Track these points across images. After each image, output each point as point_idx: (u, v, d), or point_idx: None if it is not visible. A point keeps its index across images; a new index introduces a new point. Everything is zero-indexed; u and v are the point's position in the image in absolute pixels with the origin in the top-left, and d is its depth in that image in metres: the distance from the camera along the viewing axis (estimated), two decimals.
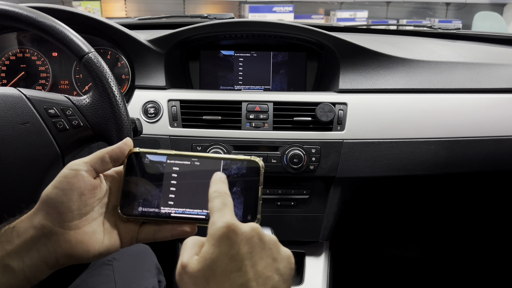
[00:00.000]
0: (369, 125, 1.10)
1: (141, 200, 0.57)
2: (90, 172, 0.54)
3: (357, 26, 1.84)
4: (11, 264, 0.52)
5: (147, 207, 0.56)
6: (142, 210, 0.56)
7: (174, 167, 0.57)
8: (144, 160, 0.57)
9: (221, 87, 1.30)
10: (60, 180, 0.53)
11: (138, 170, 0.57)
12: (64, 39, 0.77)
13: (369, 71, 1.15)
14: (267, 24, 1.17)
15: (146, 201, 0.57)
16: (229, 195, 0.52)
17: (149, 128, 1.09)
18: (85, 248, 0.54)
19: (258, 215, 0.55)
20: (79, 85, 1.20)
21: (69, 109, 0.75)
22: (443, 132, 1.11)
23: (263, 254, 0.47)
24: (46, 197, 0.53)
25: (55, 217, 0.52)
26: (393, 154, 1.10)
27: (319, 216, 1.20)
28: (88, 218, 0.54)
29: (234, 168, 0.56)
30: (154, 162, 0.57)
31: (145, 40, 1.14)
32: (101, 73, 0.76)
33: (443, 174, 1.16)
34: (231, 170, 0.56)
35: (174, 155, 0.57)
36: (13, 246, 0.52)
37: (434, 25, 1.69)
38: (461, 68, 1.17)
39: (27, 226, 0.53)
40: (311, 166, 1.09)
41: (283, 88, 1.29)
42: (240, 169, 0.56)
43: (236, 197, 0.55)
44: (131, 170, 0.57)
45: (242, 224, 0.48)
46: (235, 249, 0.46)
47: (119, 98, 0.77)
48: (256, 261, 0.46)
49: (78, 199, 0.53)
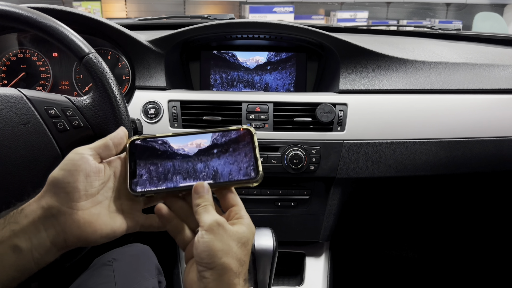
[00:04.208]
0: (369, 125, 1.10)
1: (148, 177, 0.62)
2: (95, 156, 0.58)
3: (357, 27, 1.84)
4: (19, 244, 0.53)
5: (154, 183, 0.62)
6: (150, 185, 0.62)
7: (173, 146, 0.64)
8: (145, 143, 0.64)
9: (222, 88, 1.30)
10: (66, 163, 0.56)
11: (141, 152, 0.64)
12: (65, 39, 0.77)
13: (369, 72, 1.15)
14: (268, 24, 1.17)
15: (152, 178, 0.62)
16: (209, 201, 0.59)
17: (149, 128, 1.09)
18: (92, 228, 0.55)
19: (260, 171, 0.61)
20: (80, 86, 1.20)
21: (69, 110, 0.75)
22: (444, 132, 1.11)
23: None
24: (53, 178, 0.55)
25: (63, 197, 0.54)
26: (393, 155, 1.10)
27: (319, 216, 1.20)
28: (94, 200, 0.57)
29: (228, 137, 0.64)
30: (154, 144, 0.64)
31: (145, 41, 1.14)
32: (102, 73, 0.76)
33: (443, 175, 1.16)
34: (227, 139, 0.64)
35: (172, 135, 0.64)
36: (20, 226, 0.53)
37: (434, 26, 1.69)
38: (461, 69, 1.17)
39: (35, 208, 0.54)
40: (311, 167, 1.09)
41: (284, 89, 1.29)
42: (235, 137, 0.64)
43: (239, 158, 0.63)
44: (134, 153, 0.63)
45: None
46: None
47: (120, 99, 0.77)
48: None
49: (84, 180, 0.55)
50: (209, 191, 0.60)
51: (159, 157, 0.63)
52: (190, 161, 0.63)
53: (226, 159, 0.63)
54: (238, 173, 0.62)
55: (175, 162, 0.63)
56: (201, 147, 0.64)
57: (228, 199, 0.62)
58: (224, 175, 0.62)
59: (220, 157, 0.64)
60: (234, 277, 0.55)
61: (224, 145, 0.64)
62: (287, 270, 1.29)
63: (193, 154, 0.64)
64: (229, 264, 0.54)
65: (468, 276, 1.74)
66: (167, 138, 0.64)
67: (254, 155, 0.63)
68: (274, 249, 0.92)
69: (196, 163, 0.63)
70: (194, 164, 0.63)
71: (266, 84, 1.29)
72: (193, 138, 0.65)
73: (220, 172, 0.63)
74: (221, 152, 0.64)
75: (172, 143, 0.64)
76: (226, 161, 0.63)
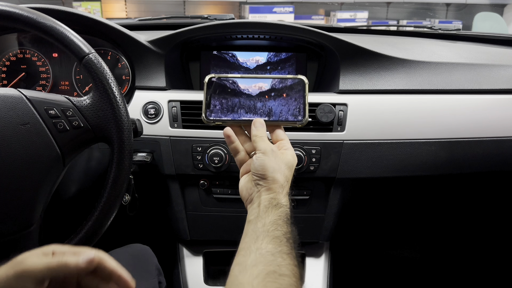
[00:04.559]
0: (369, 126, 1.10)
1: (219, 108, 0.79)
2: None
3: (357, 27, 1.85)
4: None
5: (223, 113, 0.79)
6: (220, 115, 0.79)
7: (240, 86, 0.79)
8: (219, 81, 0.79)
9: None
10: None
11: (215, 88, 0.79)
12: (65, 40, 0.77)
13: (369, 72, 1.15)
14: (267, 25, 1.17)
15: (223, 109, 0.79)
16: (264, 133, 0.76)
17: (149, 128, 1.09)
18: None
19: (306, 115, 0.78)
20: (80, 86, 1.20)
21: (69, 110, 0.75)
22: (444, 133, 1.11)
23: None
24: None
25: None
26: (393, 155, 1.10)
27: (319, 217, 1.20)
28: None
29: (285, 83, 0.80)
30: (226, 83, 0.79)
31: (145, 41, 1.14)
32: (102, 74, 0.76)
33: (443, 175, 1.16)
34: (283, 85, 0.79)
35: (241, 77, 0.79)
36: None
37: (434, 26, 1.69)
38: (461, 69, 1.17)
39: None
40: (311, 167, 1.09)
41: None
42: (291, 83, 0.80)
43: (290, 102, 0.79)
44: (210, 88, 0.79)
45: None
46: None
47: (120, 99, 0.77)
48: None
49: None
50: (264, 125, 0.77)
51: (229, 93, 0.79)
52: (252, 99, 0.79)
53: (280, 101, 0.79)
54: (288, 114, 0.79)
55: (241, 99, 0.79)
56: (262, 90, 0.79)
57: (277, 134, 0.79)
58: (277, 114, 0.79)
59: (276, 99, 0.79)
60: (280, 187, 0.72)
61: (280, 90, 0.79)
62: None
63: (255, 94, 0.79)
64: (278, 177, 0.72)
65: (469, 276, 1.74)
66: (237, 79, 0.80)
67: (304, 102, 0.79)
68: None
69: (257, 102, 0.79)
70: (255, 102, 0.79)
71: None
72: (257, 81, 0.80)
73: (274, 112, 0.79)
74: (277, 95, 0.79)
75: (240, 84, 0.79)
76: (280, 103, 0.79)
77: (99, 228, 0.76)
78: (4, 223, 0.72)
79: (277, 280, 0.58)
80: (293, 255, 0.63)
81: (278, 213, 0.69)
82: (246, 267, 0.61)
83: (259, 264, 0.60)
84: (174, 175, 1.12)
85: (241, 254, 0.64)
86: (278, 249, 0.63)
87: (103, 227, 0.76)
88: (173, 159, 1.10)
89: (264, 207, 0.70)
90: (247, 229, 0.69)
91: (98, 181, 1.09)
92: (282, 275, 0.59)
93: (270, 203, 0.70)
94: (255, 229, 0.67)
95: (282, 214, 0.69)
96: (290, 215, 0.70)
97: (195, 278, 1.25)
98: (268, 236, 0.64)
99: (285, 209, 0.70)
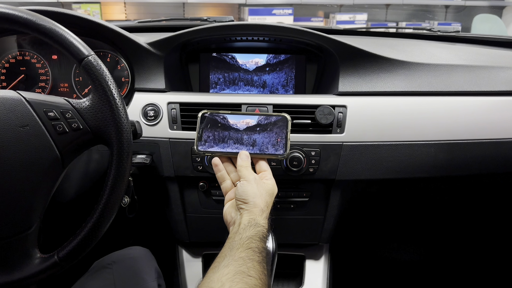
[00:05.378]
0: (368, 127, 1.10)
1: (209, 141, 0.90)
2: None
3: (356, 29, 1.85)
4: None
5: (213, 146, 0.90)
6: (210, 147, 0.90)
7: (230, 121, 0.90)
8: (211, 116, 0.91)
9: (221, 90, 1.30)
10: None
11: (207, 122, 0.91)
12: (64, 42, 0.77)
13: (368, 74, 1.15)
14: (267, 27, 1.17)
15: (212, 142, 0.90)
16: (249, 164, 0.87)
17: (148, 131, 1.09)
18: None
19: (287, 149, 0.89)
20: (79, 88, 1.20)
21: (68, 112, 0.75)
22: (443, 134, 1.11)
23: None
24: None
25: None
26: (392, 157, 1.10)
27: (319, 218, 1.20)
28: None
29: (270, 120, 0.90)
30: (217, 118, 0.90)
31: (144, 43, 1.14)
32: (101, 76, 0.76)
33: (442, 177, 1.16)
34: (268, 121, 0.91)
35: (230, 113, 0.91)
36: None
37: (433, 28, 1.69)
38: (461, 71, 1.17)
39: None
40: (310, 169, 1.09)
41: (283, 91, 1.29)
42: (275, 120, 0.90)
43: (274, 137, 0.89)
44: (202, 122, 0.90)
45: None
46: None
47: (119, 101, 0.77)
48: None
49: None
50: (249, 157, 0.87)
51: (219, 128, 0.90)
52: (240, 133, 0.89)
53: (264, 136, 0.89)
54: (272, 148, 0.89)
55: (230, 133, 0.90)
56: (249, 125, 0.90)
57: (261, 165, 0.89)
58: (261, 147, 0.89)
59: (261, 134, 0.89)
60: (260, 211, 0.80)
61: (265, 125, 0.90)
62: (286, 272, 1.29)
63: (242, 129, 0.90)
64: (258, 202, 0.81)
65: (470, 279, 1.74)
66: (227, 114, 0.90)
67: (286, 137, 0.89)
68: (273, 251, 0.92)
69: (244, 136, 0.89)
70: (242, 136, 0.89)
71: (265, 85, 1.29)
72: (244, 117, 0.91)
73: (258, 145, 0.89)
74: (262, 130, 0.89)
75: (229, 119, 0.90)
76: (264, 137, 0.89)
77: (98, 230, 0.76)
78: (2, 225, 0.72)
79: (244, 279, 0.64)
80: (263, 266, 0.70)
81: (255, 231, 0.76)
82: (218, 268, 0.68)
83: (230, 265, 0.68)
84: (173, 177, 1.12)
85: (216, 260, 0.71)
86: (250, 257, 0.70)
87: (102, 230, 0.76)
88: (173, 161, 1.10)
89: (243, 225, 0.77)
90: (225, 243, 0.76)
91: (98, 183, 1.10)
92: (250, 276, 0.66)
93: (249, 223, 0.78)
94: (232, 242, 0.74)
95: (259, 232, 0.76)
96: (266, 234, 0.77)
97: (194, 280, 1.25)
98: (242, 246, 0.72)
99: (262, 229, 0.77)
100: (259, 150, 0.89)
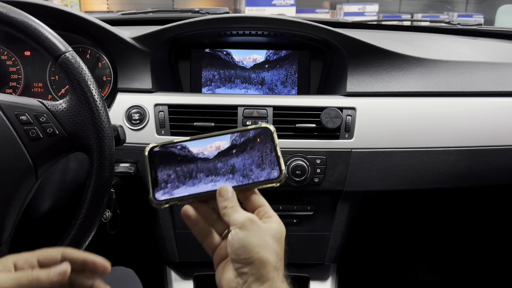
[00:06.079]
0: (380, 132, 1.10)
1: (170, 184, 0.68)
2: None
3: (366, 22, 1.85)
4: None
5: (176, 190, 0.67)
6: (173, 193, 0.67)
7: (192, 150, 0.69)
8: (164, 149, 0.70)
9: (214, 90, 1.30)
10: None
11: (161, 159, 0.69)
12: (38, 36, 0.77)
13: (380, 72, 1.15)
14: (266, 20, 1.18)
15: (174, 185, 0.68)
16: (235, 202, 0.65)
17: (133, 136, 1.09)
18: None
19: (283, 170, 0.68)
20: (55, 88, 1.20)
21: (43, 116, 0.75)
22: (464, 140, 1.12)
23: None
24: None
25: None
26: (407, 165, 1.11)
27: (325, 235, 1.19)
28: None
29: (247, 136, 0.70)
30: (174, 150, 0.70)
31: (129, 38, 1.15)
32: (79, 74, 0.76)
33: (464, 188, 1.16)
34: (246, 138, 0.70)
35: (190, 139, 0.69)
36: None
37: (452, 20, 1.70)
38: (484, 69, 1.18)
39: None
40: (315, 179, 1.09)
41: (284, 91, 1.30)
42: (254, 136, 0.70)
43: (258, 160, 0.69)
44: (154, 161, 0.69)
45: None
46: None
47: (100, 103, 0.77)
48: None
49: None
50: (233, 193, 0.65)
51: (180, 163, 0.69)
52: (210, 163, 0.69)
53: (246, 159, 0.69)
54: (261, 173, 0.68)
55: (196, 167, 0.69)
56: (220, 149, 0.70)
57: (253, 200, 0.67)
58: (246, 176, 0.68)
59: (241, 158, 0.69)
60: (273, 270, 0.60)
61: (243, 145, 0.70)
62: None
63: (213, 157, 0.69)
64: (267, 258, 0.60)
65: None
66: (185, 142, 0.70)
67: (276, 154, 0.69)
68: None
69: (217, 165, 0.69)
70: (215, 167, 0.69)
71: (264, 85, 1.29)
72: (211, 140, 0.70)
73: (241, 174, 0.68)
74: (241, 152, 0.70)
75: (191, 148, 0.70)
76: (247, 161, 0.69)
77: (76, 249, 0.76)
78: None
79: None
80: None
81: None
82: None
83: None
84: None
85: None
86: None
87: (80, 248, 0.76)
88: None
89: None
90: None
91: (75, 195, 1.09)
92: None
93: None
94: None
95: None
96: None
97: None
98: None
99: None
100: (244, 178, 0.68)
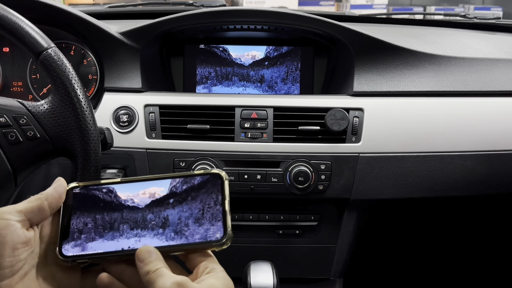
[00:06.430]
0: (390, 135, 1.10)
1: (83, 237, 0.59)
2: (24, 223, 0.56)
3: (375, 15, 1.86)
4: None
5: (89, 245, 0.58)
6: (83, 249, 0.58)
7: (120, 195, 0.61)
8: (85, 191, 0.62)
9: (210, 88, 1.29)
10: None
11: (78, 204, 0.61)
12: (18, 31, 0.76)
13: (390, 70, 1.15)
14: (266, 13, 1.17)
15: (88, 238, 0.59)
16: (160, 264, 0.55)
17: (121, 139, 1.08)
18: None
19: (228, 231, 0.58)
20: (36, 88, 1.19)
21: (23, 117, 0.75)
22: (481, 144, 1.11)
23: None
24: None
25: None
26: (420, 171, 1.10)
27: (330, 247, 1.19)
28: (21, 274, 0.55)
29: (191, 183, 0.61)
30: (97, 193, 0.62)
31: (116, 33, 1.14)
32: (63, 72, 0.76)
33: (481, 196, 1.16)
34: (189, 186, 0.61)
35: (121, 181, 0.62)
36: None
37: (468, 14, 1.71)
38: (502, 66, 1.18)
39: None
40: (320, 186, 1.09)
41: (285, 88, 1.29)
42: (199, 184, 0.61)
43: (199, 215, 0.59)
44: (69, 205, 0.61)
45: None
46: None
47: (85, 103, 0.76)
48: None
49: (10, 253, 0.53)
50: (157, 254, 0.56)
51: (101, 210, 0.60)
52: (139, 214, 0.60)
53: (183, 212, 0.60)
54: (197, 230, 0.59)
55: (121, 216, 0.60)
56: (155, 197, 0.61)
57: (191, 258, 0.59)
58: (178, 233, 0.59)
59: (177, 210, 0.60)
60: None
61: (184, 193, 0.61)
62: None
63: (144, 205, 0.61)
64: None
65: None
66: (114, 185, 0.62)
67: (223, 208, 0.59)
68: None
69: (147, 217, 0.60)
70: (144, 218, 0.60)
71: (263, 83, 1.29)
72: (146, 185, 0.62)
73: (174, 229, 0.59)
74: (180, 203, 0.61)
75: (119, 192, 0.61)
76: (183, 214, 0.60)
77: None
78: None
79: None
80: None
81: None
82: None
83: None
84: None
85: None
86: None
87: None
88: None
89: None
90: None
91: None
92: None
93: None
94: None
95: None
96: None
97: None
98: None
99: None
100: (176, 234, 0.59)
